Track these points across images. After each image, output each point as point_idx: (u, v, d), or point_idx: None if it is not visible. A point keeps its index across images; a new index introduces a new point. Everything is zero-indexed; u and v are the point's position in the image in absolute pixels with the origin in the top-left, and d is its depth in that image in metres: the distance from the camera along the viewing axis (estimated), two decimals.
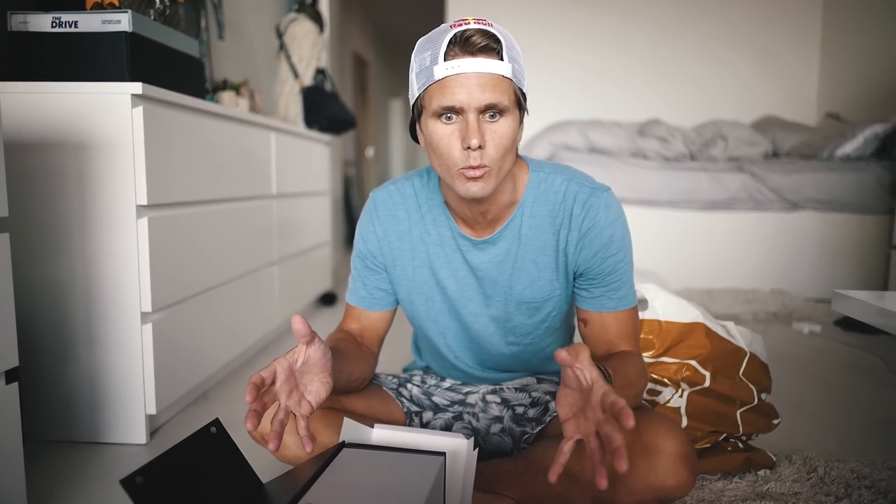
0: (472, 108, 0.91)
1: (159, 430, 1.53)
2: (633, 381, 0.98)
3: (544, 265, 1.07)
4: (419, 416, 1.23)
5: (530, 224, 1.07)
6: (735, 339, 1.31)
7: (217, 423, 0.94)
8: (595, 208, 1.04)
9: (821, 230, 3.29)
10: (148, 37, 1.49)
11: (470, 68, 0.90)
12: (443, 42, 0.90)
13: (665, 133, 3.59)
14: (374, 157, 7.78)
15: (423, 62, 0.93)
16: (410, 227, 1.12)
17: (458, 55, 0.90)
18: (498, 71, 0.90)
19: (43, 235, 1.37)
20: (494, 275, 1.10)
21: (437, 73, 0.91)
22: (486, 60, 0.90)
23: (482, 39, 0.90)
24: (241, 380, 1.93)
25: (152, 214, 1.42)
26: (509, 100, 0.92)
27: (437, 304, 1.14)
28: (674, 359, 1.28)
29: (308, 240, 2.73)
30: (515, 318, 1.12)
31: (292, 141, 2.49)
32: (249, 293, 2.03)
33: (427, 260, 1.12)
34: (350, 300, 1.18)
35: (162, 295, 1.46)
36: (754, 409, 1.27)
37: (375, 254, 1.15)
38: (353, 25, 5.98)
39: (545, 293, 1.09)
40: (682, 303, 1.31)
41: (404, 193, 1.13)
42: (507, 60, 0.91)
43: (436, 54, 0.91)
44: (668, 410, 1.26)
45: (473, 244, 1.09)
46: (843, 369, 2.10)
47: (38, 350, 1.40)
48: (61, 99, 1.36)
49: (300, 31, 3.11)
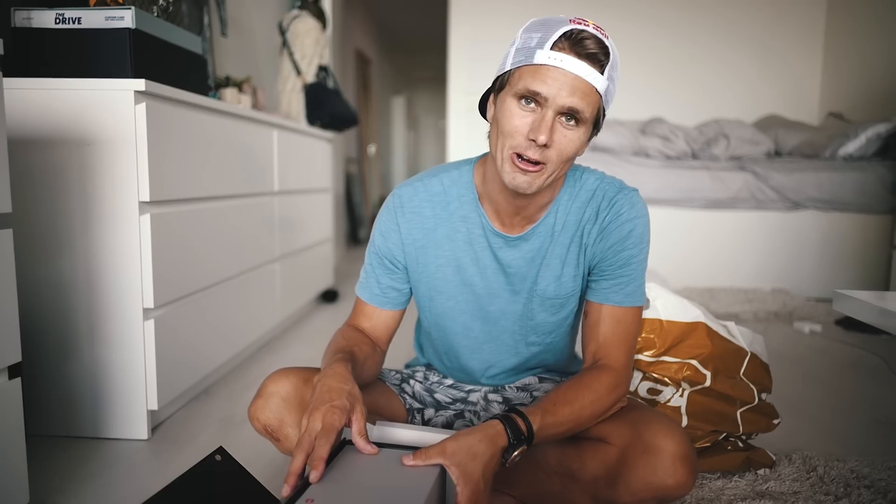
0: (554, 104, 0.89)
1: (161, 425, 1.54)
2: (581, 408, 0.96)
3: (569, 262, 1.07)
4: (421, 413, 1.23)
5: (563, 221, 1.06)
6: (736, 339, 1.31)
7: (221, 451, 0.91)
8: (619, 203, 1.04)
9: (822, 230, 3.28)
10: (151, 33, 1.49)
11: (571, 67, 0.89)
12: (556, 31, 0.89)
13: (667, 132, 3.59)
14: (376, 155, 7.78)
15: (529, 41, 0.91)
16: (436, 226, 1.09)
17: (565, 50, 0.89)
18: (594, 82, 0.90)
19: (46, 231, 1.38)
20: (524, 271, 1.08)
21: (539, 57, 0.89)
22: (589, 67, 0.89)
23: (594, 47, 0.89)
24: (242, 376, 1.94)
25: (154, 211, 1.43)
26: (590, 113, 0.92)
27: (461, 304, 1.12)
28: (675, 358, 1.28)
29: (310, 237, 2.73)
30: (539, 315, 1.10)
31: (294, 138, 2.50)
32: (251, 290, 2.04)
33: (452, 258, 1.09)
34: (361, 295, 1.15)
35: (164, 291, 1.46)
36: (755, 408, 1.28)
37: (395, 252, 1.12)
38: (355, 22, 5.98)
39: (569, 290, 1.08)
40: (683, 302, 1.31)
41: (431, 191, 1.10)
42: (606, 77, 0.91)
43: (544, 40, 0.89)
44: (668, 410, 1.26)
45: (506, 241, 1.07)
46: (843, 369, 2.10)
47: (41, 345, 1.40)
48: (64, 95, 1.36)
49: (303, 27, 3.11)
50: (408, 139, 10.73)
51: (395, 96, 10.11)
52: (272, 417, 1.06)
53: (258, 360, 2.11)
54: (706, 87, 4.51)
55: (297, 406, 1.07)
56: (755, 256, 3.31)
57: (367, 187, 6.84)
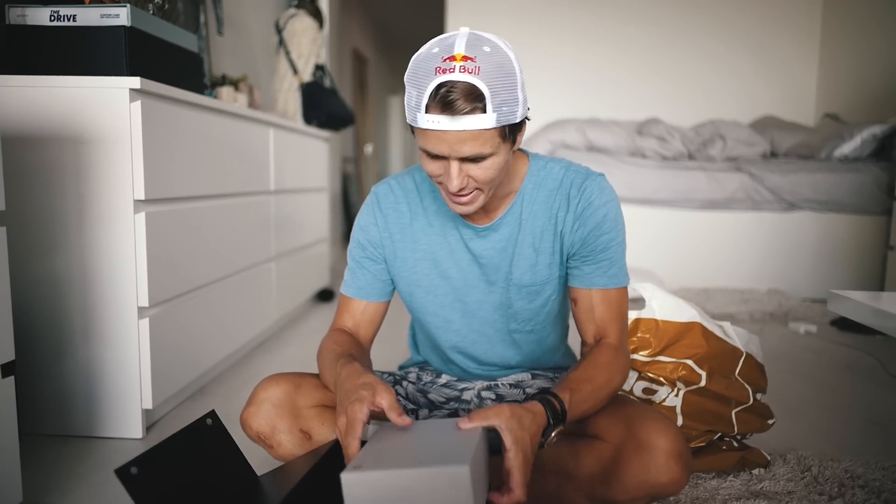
0: (454, 157, 0.91)
1: (155, 424, 1.53)
2: (599, 387, 1.00)
3: (542, 249, 1.09)
4: (415, 413, 1.23)
5: (530, 210, 1.09)
6: (732, 339, 1.31)
7: (213, 415, 0.95)
8: (590, 190, 1.06)
9: (818, 230, 3.29)
10: (146, 31, 1.49)
11: (449, 126, 0.88)
12: (426, 90, 0.88)
13: (663, 132, 3.60)
14: (373, 154, 7.77)
15: (410, 99, 0.91)
16: (412, 220, 1.13)
17: (438, 111, 0.87)
18: (480, 125, 0.88)
19: (40, 229, 1.37)
20: (497, 261, 1.11)
21: (420, 121, 0.90)
22: (468, 118, 0.87)
23: (464, 100, 0.86)
24: (237, 375, 1.93)
25: (150, 209, 1.42)
26: (493, 144, 0.91)
27: (440, 297, 1.15)
28: (670, 358, 1.28)
29: (306, 236, 2.73)
30: (517, 303, 1.12)
31: (291, 137, 2.49)
32: (246, 289, 2.03)
33: (429, 252, 1.13)
34: (346, 291, 1.18)
35: (159, 290, 1.46)
36: (749, 408, 1.28)
37: (376, 244, 1.15)
38: (352, 22, 5.98)
39: (544, 276, 1.10)
40: (679, 302, 1.32)
41: (405, 187, 1.15)
42: (492, 110, 0.87)
43: (419, 102, 0.89)
44: (663, 409, 1.26)
45: (476, 232, 1.10)
46: (838, 370, 2.11)
47: (35, 344, 1.40)
48: (59, 93, 1.36)
49: (299, 26, 3.10)
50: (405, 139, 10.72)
51: (391, 96, 10.10)
52: (264, 424, 1.07)
53: (254, 360, 2.10)
54: (702, 87, 4.52)
55: (288, 412, 1.08)
56: (751, 257, 3.32)
57: (364, 187, 6.83)
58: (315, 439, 1.08)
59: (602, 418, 1.02)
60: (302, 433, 1.08)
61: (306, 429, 1.08)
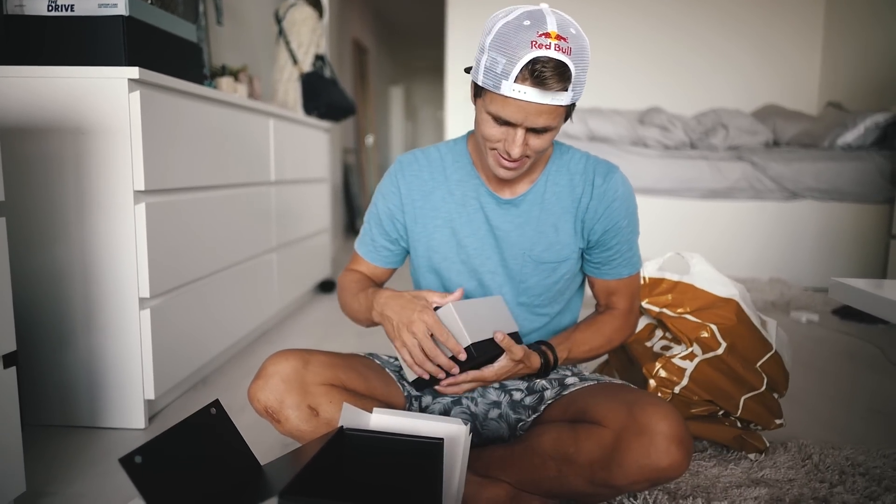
0: (524, 126, 0.98)
1: (158, 414, 1.54)
2: (596, 348, 1.20)
3: (563, 230, 1.15)
4: (419, 399, 1.23)
5: (553, 191, 1.15)
6: (768, 334, 1.31)
7: (217, 405, 0.95)
8: (616, 181, 1.14)
9: (820, 219, 3.28)
10: (145, 21, 1.48)
11: (535, 98, 0.94)
12: (518, 61, 0.92)
13: (665, 121, 3.58)
14: (374, 145, 7.75)
15: (495, 65, 0.94)
16: (434, 188, 1.19)
17: (528, 82, 0.93)
18: (559, 102, 0.95)
19: (41, 220, 1.37)
20: (514, 237, 1.16)
21: (504, 89, 0.94)
22: (552, 94, 0.94)
23: (555, 77, 0.92)
24: (239, 366, 1.94)
25: (150, 200, 1.42)
26: (559, 119, 0.99)
27: (455, 265, 1.20)
28: (697, 319, 1.30)
29: (307, 227, 2.72)
30: (531, 278, 1.18)
31: (291, 127, 2.48)
32: (248, 280, 2.03)
33: (448, 220, 1.18)
34: (358, 249, 1.28)
35: (160, 281, 1.46)
36: (760, 397, 1.27)
37: (395, 211, 1.21)
38: (352, 12, 5.94)
39: (563, 255, 1.16)
40: (723, 279, 1.34)
41: (430, 157, 1.21)
42: (571, 89, 0.95)
43: (508, 70, 0.93)
44: (671, 366, 1.26)
45: (498, 203, 1.16)
46: (840, 358, 2.11)
47: (37, 335, 1.40)
48: (58, 83, 1.35)
49: (299, 16, 3.09)
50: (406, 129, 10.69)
51: (392, 86, 10.06)
52: (272, 398, 1.07)
53: (255, 350, 2.11)
54: (704, 76, 4.49)
55: (297, 387, 1.08)
56: (753, 246, 3.31)
57: (365, 178, 6.82)
58: (322, 416, 1.07)
59: (603, 403, 1.02)
60: (309, 409, 1.07)
61: (314, 405, 1.08)
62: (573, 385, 1.14)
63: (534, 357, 1.12)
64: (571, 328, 1.22)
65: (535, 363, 1.12)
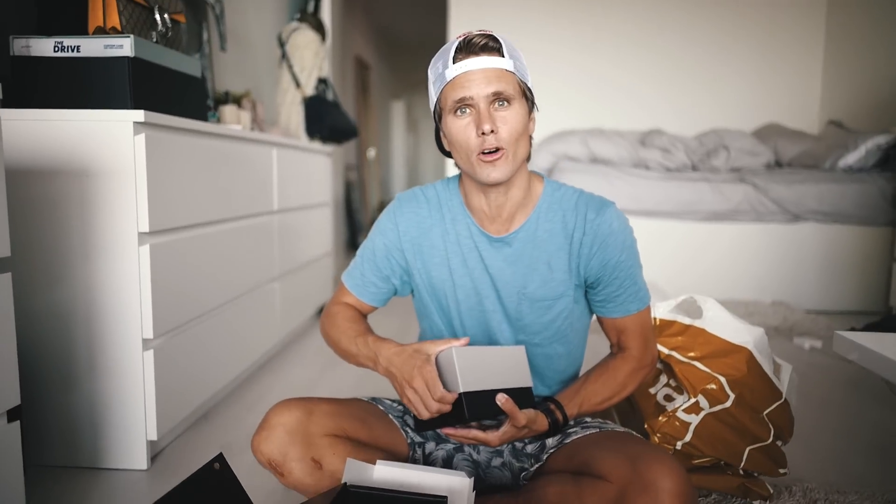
0: (481, 98, 1.02)
1: (160, 454, 1.54)
2: (608, 398, 1.17)
3: (557, 267, 1.15)
4: (422, 447, 1.23)
5: (545, 228, 1.15)
6: (780, 382, 1.29)
7: (220, 459, 0.95)
8: (609, 215, 1.14)
9: (823, 242, 3.28)
10: (150, 60, 1.49)
11: (475, 66, 1.03)
12: (450, 50, 1.05)
13: (667, 143, 3.59)
14: (376, 159, 7.77)
15: (437, 70, 1.07)
16: (432, 226, 1.20)
17: (464, 57, 1.03)
18: (500, 66, 1.03)
19: (45, 262, 1.37)
20: (507, 275, 1.16)
21: (448, 74, 1.04)
22: (489, 58, 1.03)
23: (483, 40, 1.04)
24: (241, 399, 1.93)
25: (154, 241, 1.42)
26: (514, 90, 1.04)
27: (455, 303, 1.20)
28: (705, 368, 1.27)
29: (309, 252, 2.72)
30: (527, 316, 1.18)
31: (294, 155, 2.49)
32: (250, 311, 2.03)
33: (445, 258, 1.19)
34: (345, 281, 1.27)
35: (163, 320, 1.46)
36: (765, 449, 1.26)
37: (391, 248, 1.21)
38: (354, 29, 5.97)
39: (557, 292, 1.16)
40: (737, 325, 1.30)
41: (427, 195, 1.23)
42: (508, 56, 1.04)
43: (446, 61, 1.05)
44: (676, 421, 1.23)
45: (490, 241, 1.16)
46: (843, 389, 2.10)
47: (40, 376, 1.40)
48: (64, 126, 1.36)
49: (302, 40, 3.10)
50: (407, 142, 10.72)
51: (394, 100, 10.10)
52: (276, 451, 1.07)
53: (257, 381, 2.10)
54: (705, 94, 4.51)
55: (300, 440, 1.07)
56: (755, 269, 3.31)
57: (367, 193, 6.83)
58: (325, 469, 1.07)
59: (607, 457, 1.01)
60: (313, 462, 1.07)
61: (318, 457, 1.08)
62: (575, 434, 1.14)
63: (540, 419, 1.10)
64: (582, 378, 1.19)
65: (541, 426, 1.10)
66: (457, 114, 1.05)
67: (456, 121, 1.05)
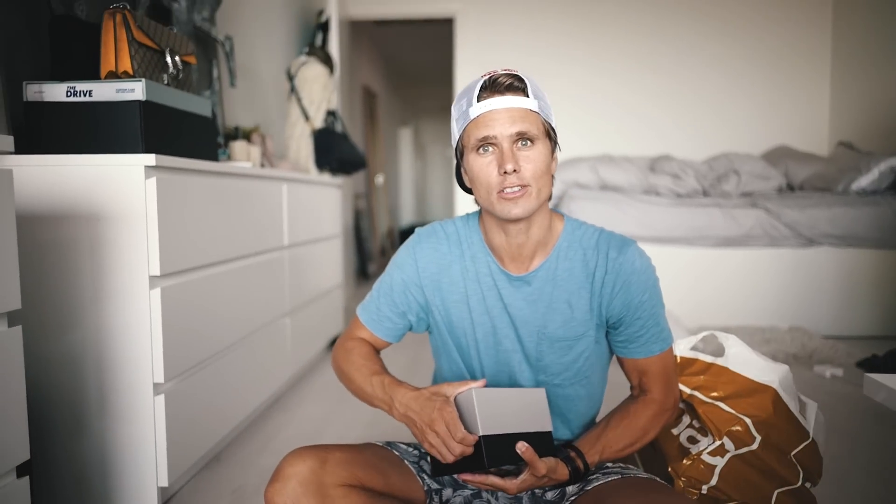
0: (504, 138, 1.02)
1: (171, 499, 1.51)
2: (629, 445, 1.13)
3: (578, 306, 1.13)
4: (439, 494, 1.19)
5: (565, 267, 1.13)
6: (807, 421, 1.24)
7: None
8: (631, 254, 1.12)
9: (838, 266, 3.24)
10: (161, 103, 1.49)
11: (500, 105, 1.02)
12: (475, 88, 1.04)
13: (677, 169, 3.57)
14: (384, 186, 7.80)
15: (461, 108, 1.06)
16: (451, 262, 1.18)
17: (488, 96, 1.03)
18: (525, 105, 1.03)
19: (56, 307, 1.37)
20: (527, 314, 1.14)
21: (472, 112, 1.04)
22: (514, 97, 1.03)
23: (508, 80, 1.03)
24: (253, 439, 1.90)
25: (165, 283, 1.41)
26: (538, 129, 1.04)
27: (474, 342, 1.18)
28: (730, 409, 1.23)
29: (320, 285, 2.71)
30: (547, 356, 1.15)
31: (303, 189, 2.49)
32: (262, 348, 2.01)
33: (465, 296, 1.16)
34: (360, 315, 1.25)
35: (174, 364, 1.44)
36: (794, 492, 1.21)
37: (409, 283, 1.19)
38: (362, 59, 6.04)
39: (578, 332, 1.13)
40: (762, 364, 1.26)
41: (447, 231, 1.21)
42: (533, 97, 1.04)
43: (470, 99, 1.05)
44: (701, 464, 1.19)
45: (509, 279, 1.14)
46: (867, 419, 2.04)
47: (50, 421, 1.38)
48: (75, 171, 1.36)
49: (311, 74, 3.13)
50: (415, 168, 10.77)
51: (402, 127, 10.18)
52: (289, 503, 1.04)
53: (269, 420, 2.08)
54: (714, 117, 4.51)
55: (315, 491, 1.04)
56: (770, 294, 3.27)
57: (375, 220, 6.84)
58: None
59: None
60: None
61: None
62: (596, 480, 1.10)
63: (560, 468, 1.07)
64: (602, 424, 1.16)
65: (562, 475, 1.07)
66: (479, 151, 1.04)
67: (478, 158, 1.05)
